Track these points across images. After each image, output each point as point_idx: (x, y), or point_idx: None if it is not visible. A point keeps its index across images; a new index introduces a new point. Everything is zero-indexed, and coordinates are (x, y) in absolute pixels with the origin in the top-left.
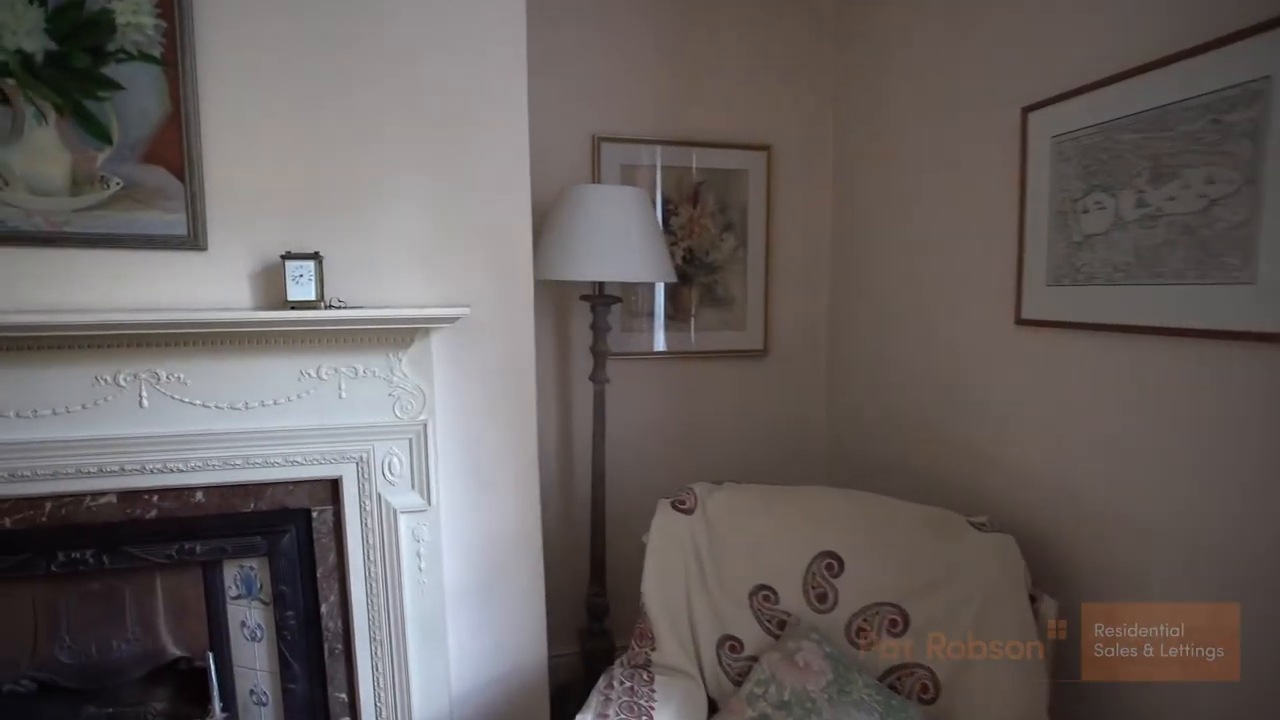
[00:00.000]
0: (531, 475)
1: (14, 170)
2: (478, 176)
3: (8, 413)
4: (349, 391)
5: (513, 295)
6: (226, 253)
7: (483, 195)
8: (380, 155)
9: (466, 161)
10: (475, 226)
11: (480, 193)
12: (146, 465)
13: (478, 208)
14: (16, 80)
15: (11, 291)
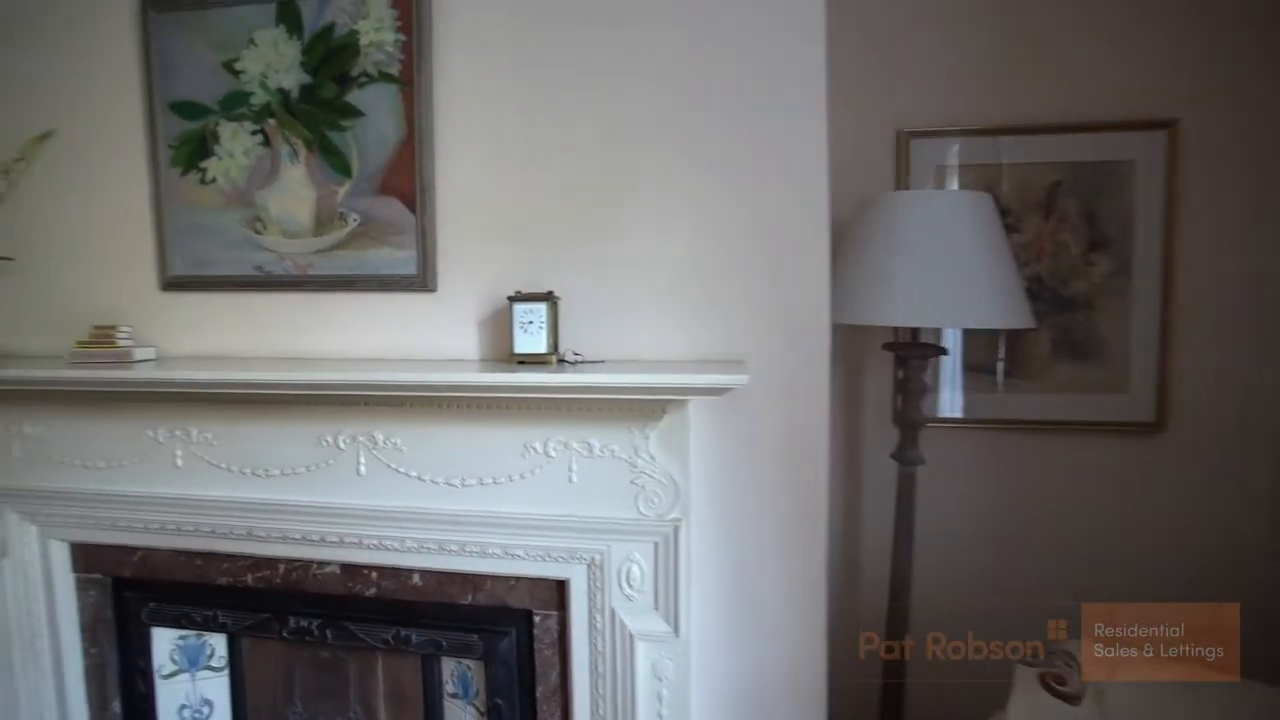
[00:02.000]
0: (817, 599)
1: (270, 213)
2: (756, 188)
3: (245, 470)
4: (581, 474)
5: (800, 346)
6: (455, 294)
7: (762, 212)
8: (630, 167)
9: (741, 169)
10: (750, 254)
11: (758, 209)
12: (364, 540)
13: (755, 229)
14: (277, 120)
15: (263, 337)
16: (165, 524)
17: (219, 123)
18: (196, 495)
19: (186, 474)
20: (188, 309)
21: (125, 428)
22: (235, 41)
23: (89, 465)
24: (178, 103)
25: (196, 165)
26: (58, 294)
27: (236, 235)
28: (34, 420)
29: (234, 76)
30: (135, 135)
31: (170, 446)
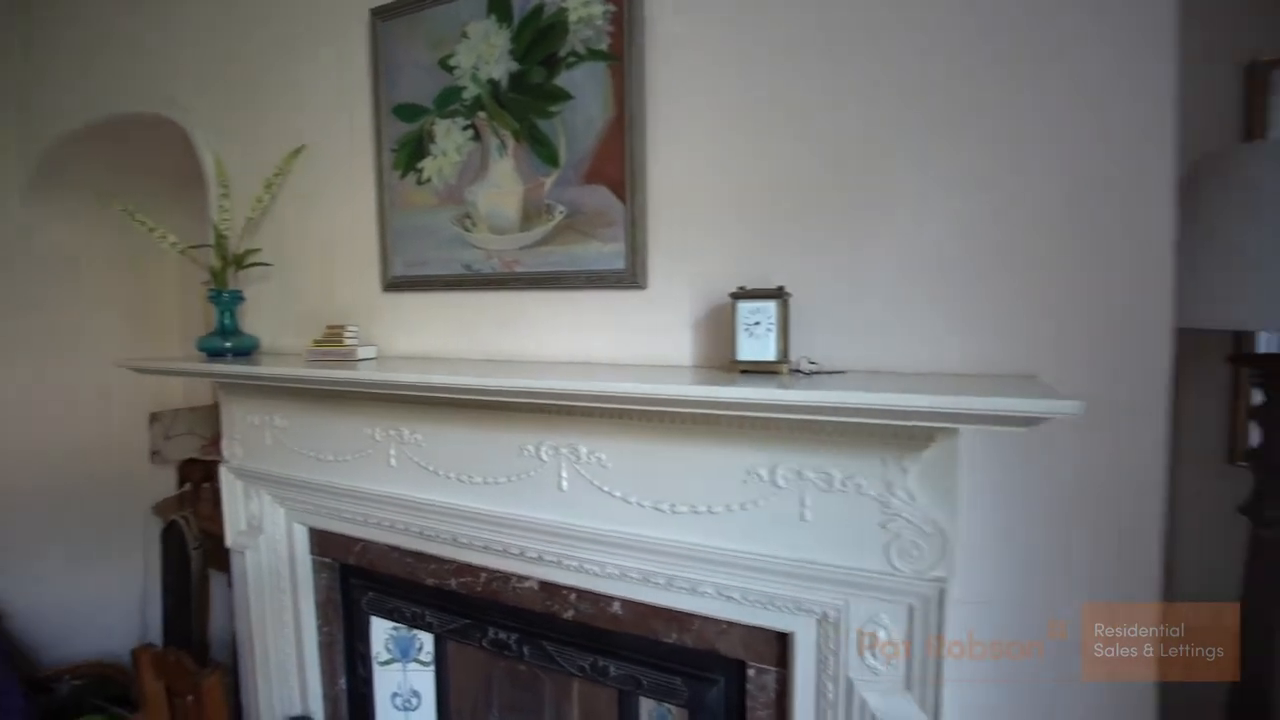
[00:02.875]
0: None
1: (480, 209)
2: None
3: (451, 474)
4: (817, 510)
5: (1123, 357)
6: (666, 291)
7: (1066, 180)
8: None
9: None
10: (1047, 236)
11: (1058, 174)
12: (564, 559)
13: (1053, 202)
14: (486, 112)
15: (470, 337)
16: (381, 520)
17: (434, 121)
18: (407, 496)
19: (399, 473)
20: (404, 309)
21: (349, 424)
22: (449, 37)
23: (321, 458)
24: (399, 106)
25: (414, 166)
26: (305, 295)
27: (448, 234)
28: (282, 413)
29: (448, 73)
30: (365, 142)
31: (386, 445)
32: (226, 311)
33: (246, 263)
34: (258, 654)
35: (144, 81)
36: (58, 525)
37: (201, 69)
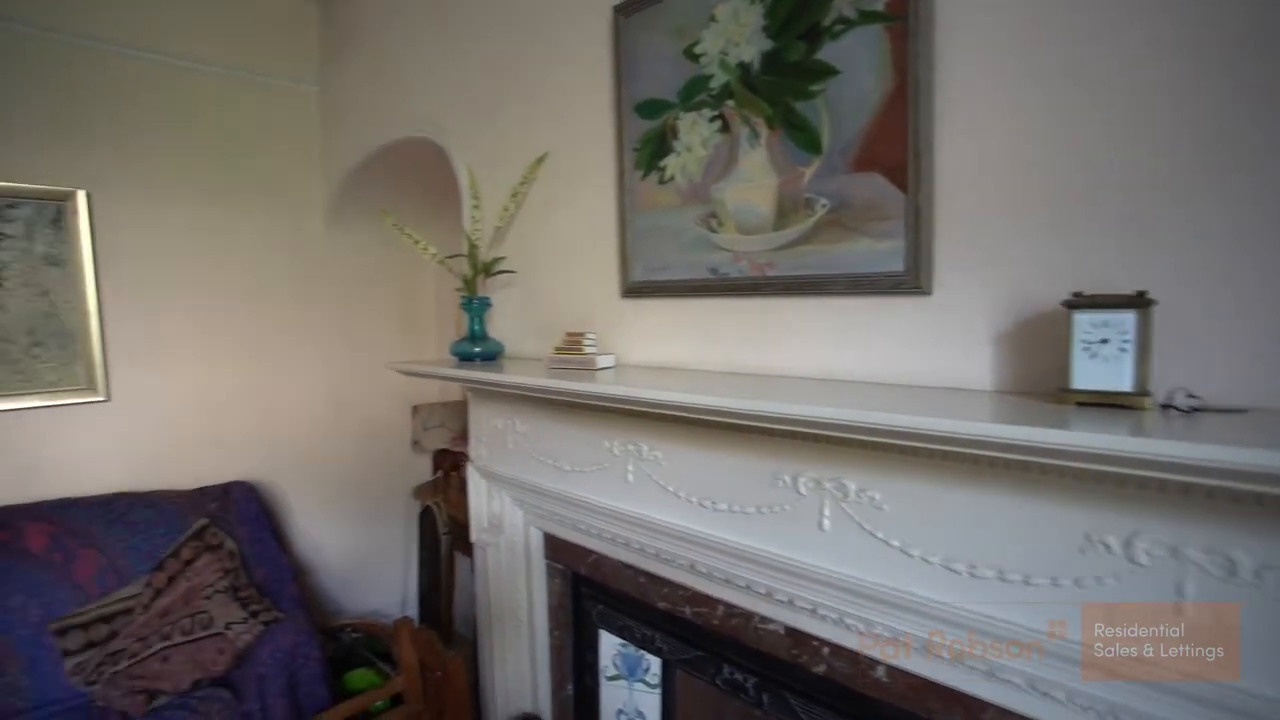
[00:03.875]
0: None
1: (727, 207)
2: None
3: (692, 497)
4: (1201, 596)
5: None
6: (958, 297)
7: None
8: None
9: None
10: None
11: None
12: (819, 608)
13: None
14: (736, 99)
15: (714, 348)
16: (615, 536)
17: (678, 116)
18: (643, 515)
19: (636, 491)
20: (643, 316)
21: (587, 435)
22: (695, 24)
23: (558, 466)
24: (641, 103)
25: (656, 165)
26: (546, 301)
27: (692, 235)
28: (523, 418)
29: (693, 62)
30: (606, 145)
31: (624, 460)
32: (476, 317)
33: (494, 270)
34: (495, 646)
35: (412, 109)
36: (339, 496)
37: (456, 91)
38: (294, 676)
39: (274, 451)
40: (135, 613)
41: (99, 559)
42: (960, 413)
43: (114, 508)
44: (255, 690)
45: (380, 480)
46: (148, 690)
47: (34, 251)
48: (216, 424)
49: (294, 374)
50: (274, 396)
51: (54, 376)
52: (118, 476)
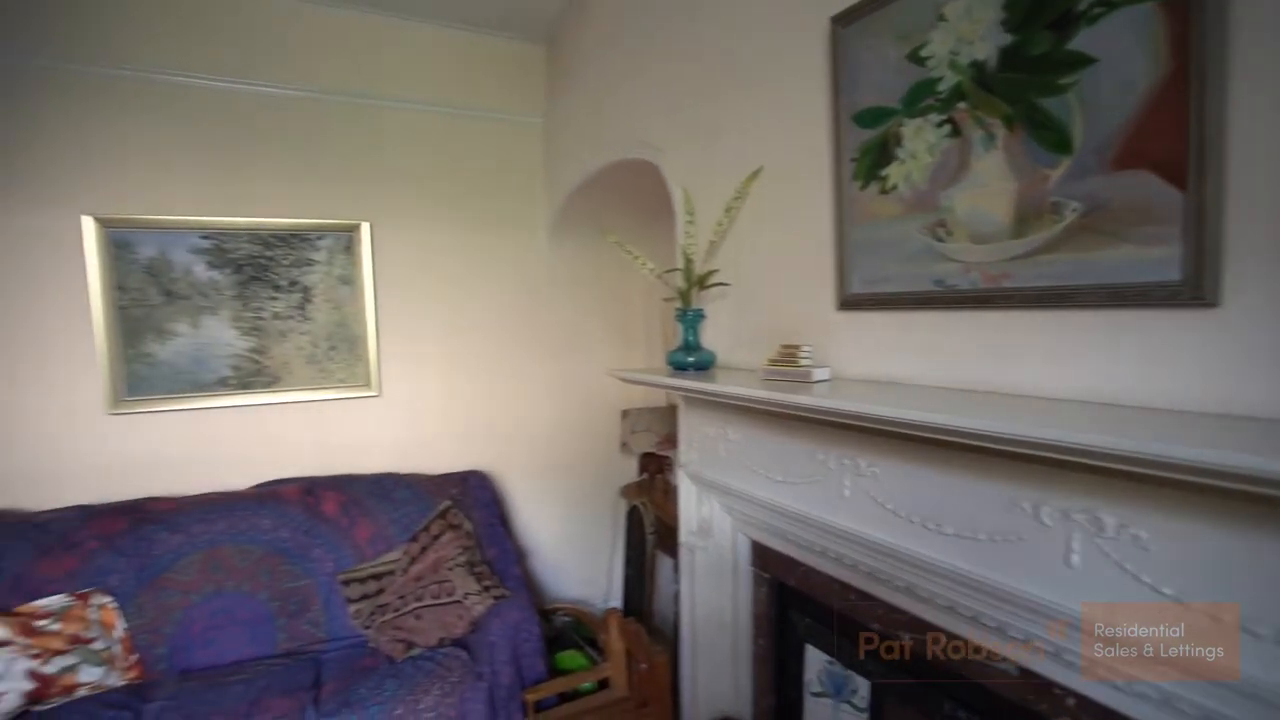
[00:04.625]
0: None
1: (957, 215)
2: None
3: (914, 518)
4: None
5: None
6: (1257, 310)
7: None
8: None
9: None
10: None
11: None
12: (1063, 653)
13: None
14: (968, 101)
15: (938, 363)
16: (826, 550)
17: (901, 123)
18: (858, 531)
19: (852, 506)
20: (860, 329)
21: (800, 447)
22: (920, 27)
23: (769, 476)
24: (860, 113)
25: (876, 175)
26: (757, 313)
27: (915, 246)
28: (735, 427)
29: (918, 65)
30: (820, 157)
31: (839, 475)
32: (690, 329)
33: (707, 283)
34: (698, 646)
35: (627, 133)
36: (554, 490)
37: (670, 113)
38: (517, 648)
39: (502, 445)
40: (396, 574)
41: (372, 526)
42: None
43: (382, 485)
44: (487, 655)
45: (590, 477)
46: (406, 640)
47: (333, 274)
48: (457, 419)
49: (521, 377)
50: (504, 396)
51: (343, 375)
52: (385, 459)
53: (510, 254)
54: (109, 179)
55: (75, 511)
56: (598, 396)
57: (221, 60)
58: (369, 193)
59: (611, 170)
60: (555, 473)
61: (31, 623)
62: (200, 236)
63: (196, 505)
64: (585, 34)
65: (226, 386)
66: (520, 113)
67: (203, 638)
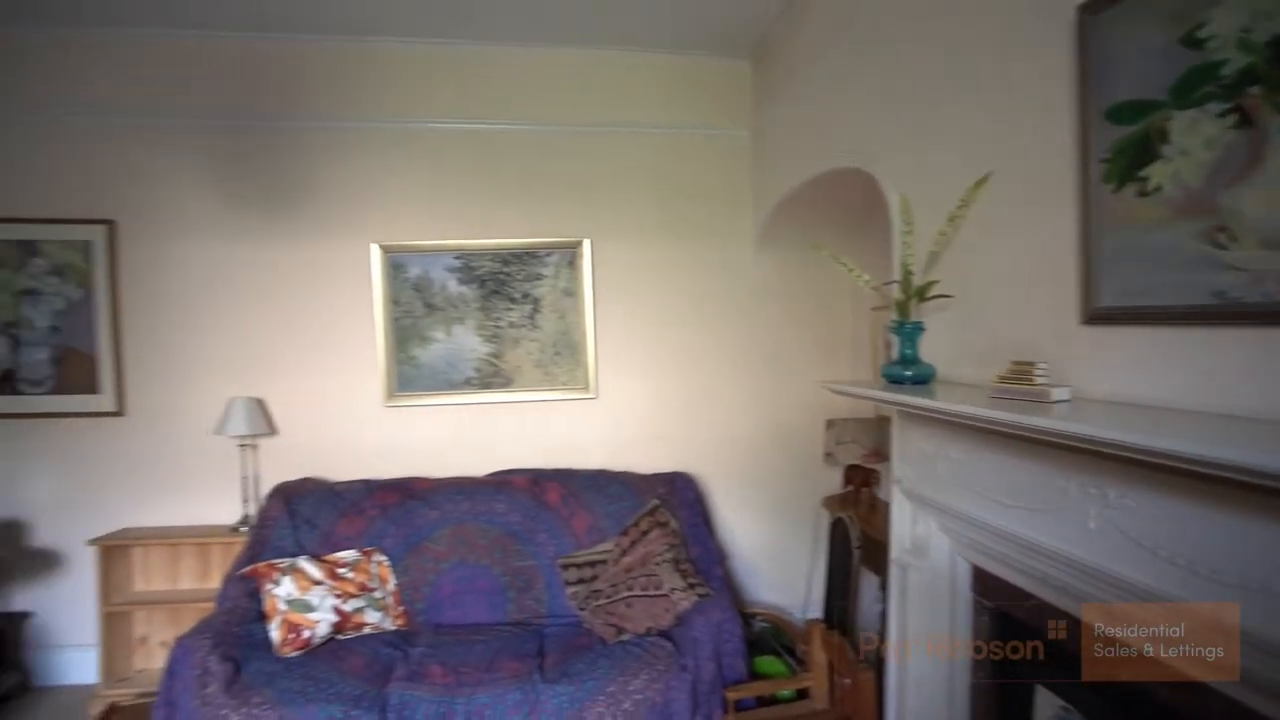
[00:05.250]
0: None
1: (1244, 217)
2: None
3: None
4: None
5: None
6: None
7: None
8: None
9: None
10: None
11: None
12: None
13: None
14: (1262, 85)
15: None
16: (1064, 585)
17: (1168, 117)
18: (1105, 569)
19: (1098, 541)
20: (1111, 345)
21: (1033, 470)
22: (1197, 4)
23: (997, 499)
24: (1114, 107)
25: (1133, 176)
26: (983, 326)
27: (1186, 253)
28: (958, 445)
29: (1194, 49)
30: (1061, 158)
31: (1083, 505)
32: (908, 341)
33: (927, 295)
34: (908, 670)
35: (839, 142)
36: (753, 495)
37: (886, 120)
38: (719, 647)
39: (704, 449)
40: (608, 564)
41: (589, 517)
42: None
43: (597, 481)
44: (691, 649)
45: (789, 485)
46: (617, 626)
47: (558, 286)
48: (663, 422)
49: (724, 383)
50: (708, 402)
51: (565, 378)
52: (598, 456)
53: (718, 265)
54: (388, 212)
55: (361, 485)
56: (800, 405)
57: (467, 107)
58: (590, 211)
59: (821, 180)
60: (755, 478)
61: (335, 569)
62: (454, 257)
63: (447, 487)
64: (795, 47)
65: (471, 386)
66: (727, 127)
67: (451, 599)
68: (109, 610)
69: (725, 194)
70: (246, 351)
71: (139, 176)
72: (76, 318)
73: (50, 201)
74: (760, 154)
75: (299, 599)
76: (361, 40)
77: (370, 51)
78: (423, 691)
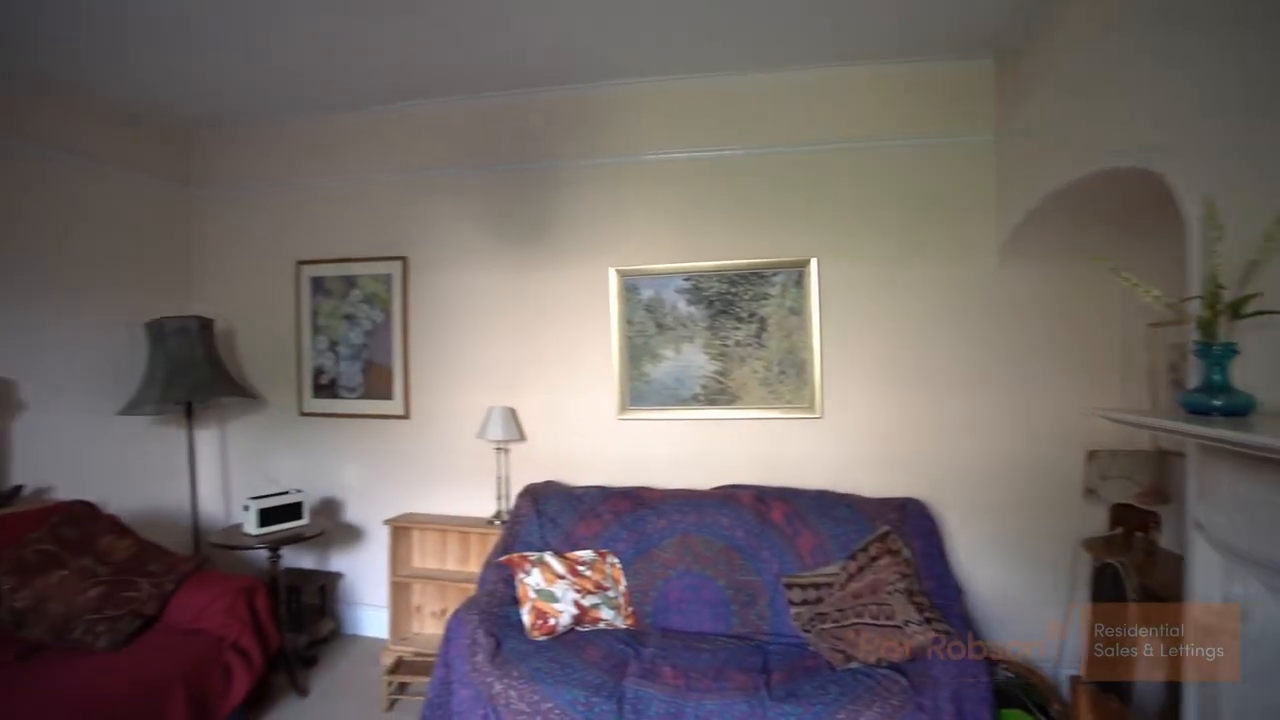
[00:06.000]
0: None
1: None
2: None
3: None
4: None
5: None
6: None
7: None
8: None
9: None
10: None
11: None
12: None
13: None
14: None
15: None
16: None
17: None
18: None
19: None
20: None
21: None
22: None
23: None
24: None
25: None
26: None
27: None
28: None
29: None
30: None
31: None
32: (1216, 366)
33: (1244, 311)
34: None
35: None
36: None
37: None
38: (960, 691)
39: (934, 475)
40: (834, 587)
41: (813, 539)
42: None
43: (823, 502)
44: (930, 689)
45: (1035, 521)
46: (845, 653)
47: (784, 305)
48: (890, 444)
49: (958, 405)
50: (939, 425)
51: (790, 396)
52: (822, 477)
53: (954, 280)
54: (625, 239)
55: (597, 490)
56: (1050, 433)
57: (696, 136)
58: (817, 229)
59: (1083, 184)
60: (994, 510)
61: (576, 566)
62: (683, 279)
63: (674, 498)
64: (1054, 35)
65: (697, 402)
66: (966, 134)
67: (677, 606)
68: (395, 580)
69: (964, 205)
70: (503, 366)
71: (423, 219)
72: (378, 337)
73: (363, 244)
74: (1006, 159)
75: (545, 589)
76: (597, 85)
77: (607, 95)
78: (655, 689)
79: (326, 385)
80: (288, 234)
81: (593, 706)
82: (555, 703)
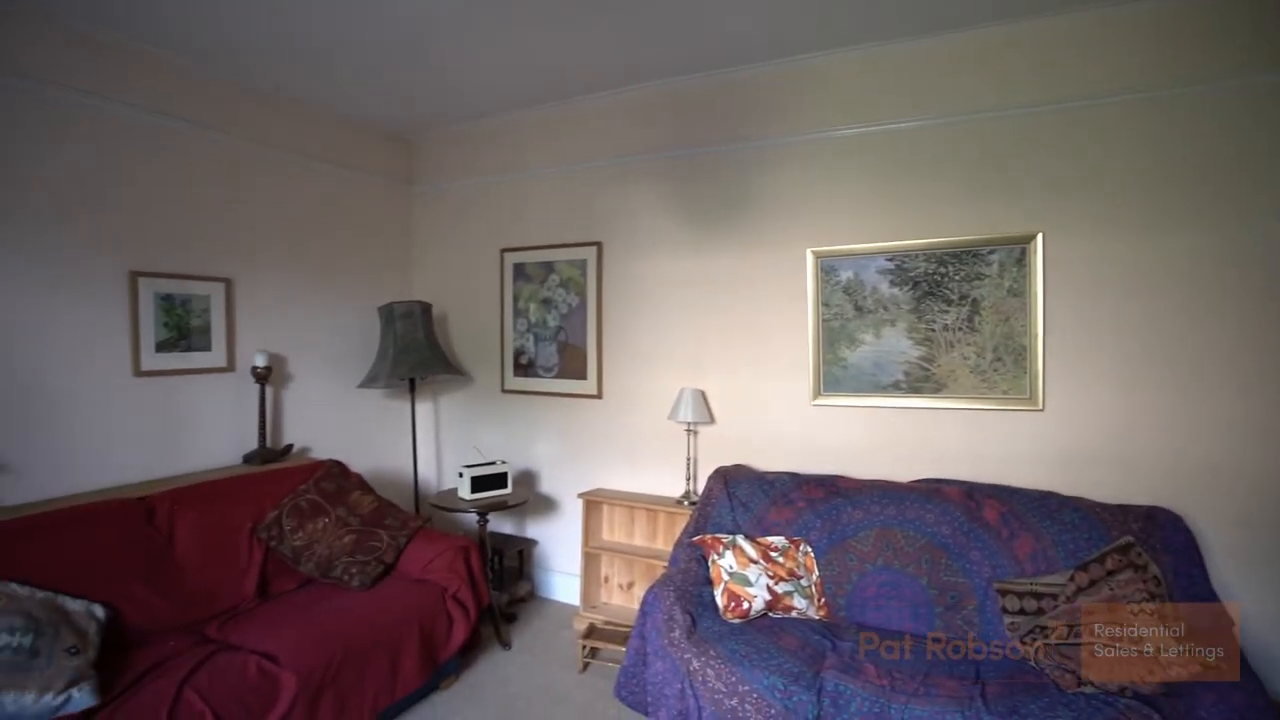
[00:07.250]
0: None
1: None
2: None
3: None
4: None
5: None
6: None
7: None
8: None
9: None
10: None
11: None
12: None
13: None
14: None
15: None
16: None
17: None
18: None
19: None
20: None
21: None
22: None
23: None
24: None
25: None
26: None
27: None
28: None
29: None
30: None
31: None
32: None
33: None
34: None
35: None
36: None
37: None
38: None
39: (1186, 481)
40: (1059, 599)
41: (1034, 543)
42: None
43: (1046, 504)
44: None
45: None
46: (1075, 674)
47: (1002, 286)
48: (1127, 444)
49: (1220, 403)
50: (1193, 424)
51: (1006, 386)
52: (1044, 477)
53: (1218, 253)
54: (821, 219)
55: (788, 476)
56: None
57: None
58: (1042, 203)
59: None
60: (1270, 526)
61: (768, 552)
62: (885, 259)
63: (872, 489)
64: None
65: (898, 389)
66: (1240, 74)
67: (874, 601)
68: (587, 550)
69: (1232, 161)
70: (693, 348)
71: (617, 206)
72: (574, 319)
73: (561, 231)
74: None
75: (738, 573)
76: (791, 60)
77: (798, 69)
78: (858, 686)
79: (526, 365)
80: (493, 224)
81: (791, 695)
82: (753, 686)
